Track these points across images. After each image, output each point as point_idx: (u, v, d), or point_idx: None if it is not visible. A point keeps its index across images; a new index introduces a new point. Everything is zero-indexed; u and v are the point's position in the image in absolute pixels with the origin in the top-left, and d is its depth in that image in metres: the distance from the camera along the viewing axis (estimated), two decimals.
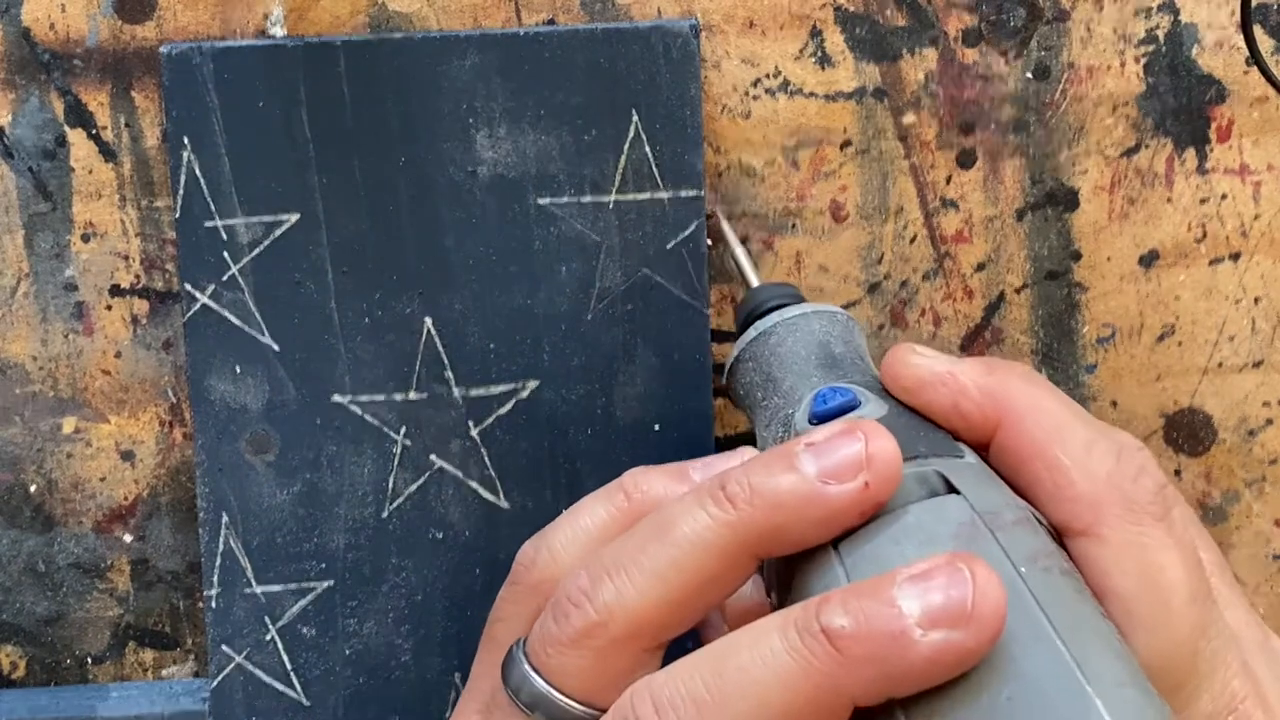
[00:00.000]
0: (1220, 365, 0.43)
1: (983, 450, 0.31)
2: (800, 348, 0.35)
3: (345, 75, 0.40)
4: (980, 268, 0.43)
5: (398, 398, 0.41)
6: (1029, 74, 0.42)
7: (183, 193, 0.41)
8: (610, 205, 0.41)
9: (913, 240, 0.43)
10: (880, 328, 0.43)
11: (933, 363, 0.32)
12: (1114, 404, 0.44)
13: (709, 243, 0.41)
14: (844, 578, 0.26)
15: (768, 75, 0.42)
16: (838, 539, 0.27)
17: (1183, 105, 0.42)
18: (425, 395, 0.41)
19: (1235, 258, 0.43)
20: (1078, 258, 0.43)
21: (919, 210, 0.43)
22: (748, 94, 0.42)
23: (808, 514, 0.27)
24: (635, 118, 0.41)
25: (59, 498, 0.43)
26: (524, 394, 0.42)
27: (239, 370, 0.41)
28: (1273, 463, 0.44)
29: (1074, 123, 0.42)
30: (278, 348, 0.41)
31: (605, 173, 0.41)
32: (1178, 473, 0.44)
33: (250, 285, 0.41)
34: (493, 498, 0.42)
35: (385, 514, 0.42)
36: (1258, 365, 0.43)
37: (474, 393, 0.42)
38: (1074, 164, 0.43)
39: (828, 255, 0.43)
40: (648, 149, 0.41)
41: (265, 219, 0.41)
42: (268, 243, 0.41)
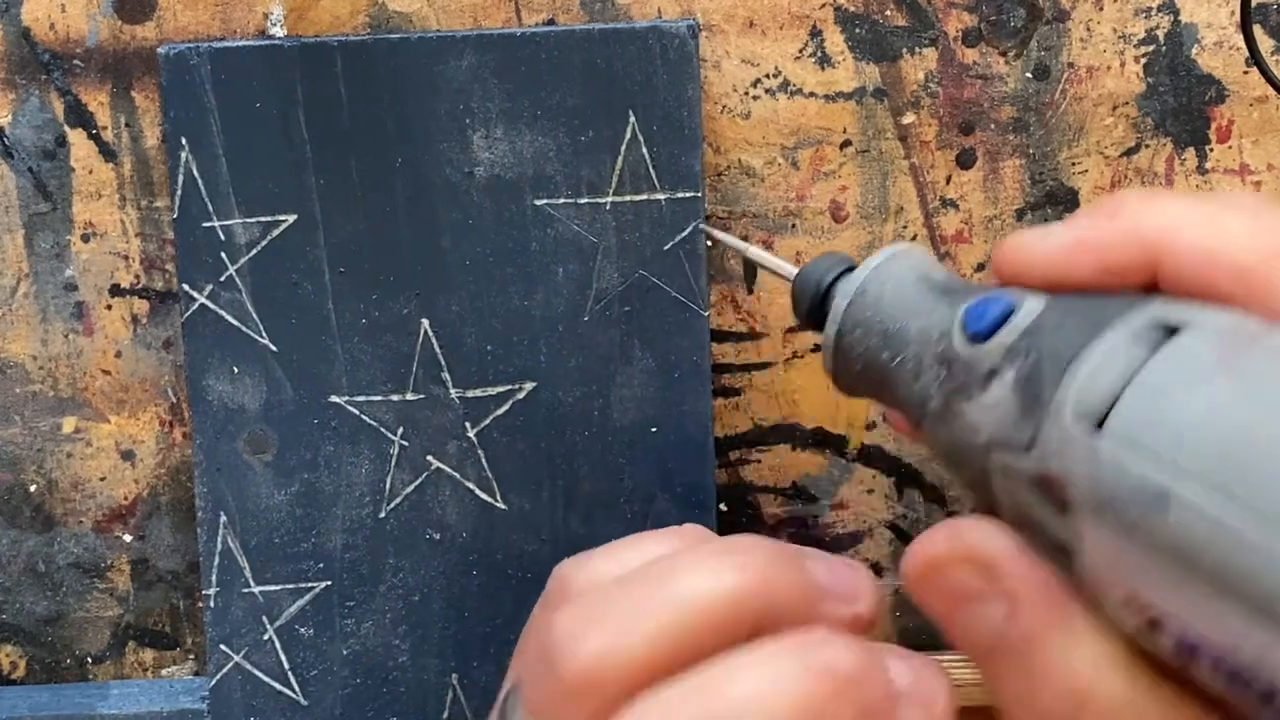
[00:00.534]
0: None
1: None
2: (906, 288, 0.31)
3: (342, 76, 0.40)
4: (980, 268, 0.43)
5: (395, 398, 0.42)
6: (1029, 74, 0.42)
7: (180, 193, 0.41)
8: (607, 206, 0.41)
9: (913, 240, 0.43)
10: None
11: (1057, 234, 0.28)
12: None
13: (708, 244, 0.41)
14: None
15: (768, 75, 0.42)
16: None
17: (1183, 105, 0.42)
18: (422, 396, 0.41)
19: None
20: None
21: (919, 210, 0.43)
22: (747, 94, 0.42)
23: None
24: (633, 119, 0.41)
25: (59, 497, 0.43)
26: (521, 395, 0.42)
27: (237, 370, 0.41)
28: None
29: (1074, 123, 0.42)
30: (275, 348, 0.41)
31: (602, 174, 0.41)
32: None
33: (248, 285, 0.41)
34: (490, 499, 0.42)
35: (383, 514, 0.42)
36: None
37: (471, 394, 0.42)
38: (1074, 164, 0.42)
39: None
40: (645, 150, 0.41)
41: (263, 219, 0.41)
42: (265, 243, 0.41)
